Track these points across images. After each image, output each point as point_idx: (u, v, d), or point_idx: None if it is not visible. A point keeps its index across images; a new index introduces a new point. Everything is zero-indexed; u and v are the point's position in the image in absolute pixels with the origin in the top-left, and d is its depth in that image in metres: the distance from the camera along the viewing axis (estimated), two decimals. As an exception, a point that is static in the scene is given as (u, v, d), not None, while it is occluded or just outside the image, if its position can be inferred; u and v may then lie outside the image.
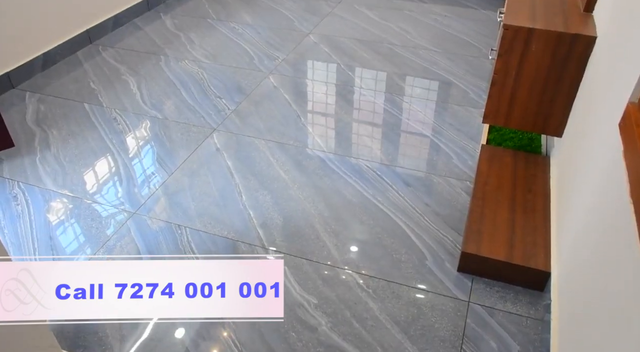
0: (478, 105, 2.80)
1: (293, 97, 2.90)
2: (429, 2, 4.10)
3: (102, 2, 3.52)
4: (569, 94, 1.94)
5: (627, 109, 1.22)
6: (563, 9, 2.00)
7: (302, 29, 3.68)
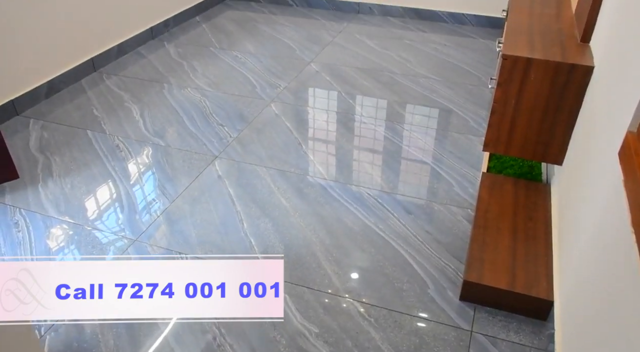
0: (478, 133, 2.82)
1: (294, 125, 2.92)
2: (428, 32, 4.17)
3: (107, 31, 3.58)
4: (568, 123, 1.96)
5: (626, 138, 1.24)
6: (560, 40, 2.04)
7: (304, 57, 3.73)
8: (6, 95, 2.95)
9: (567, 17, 2.26)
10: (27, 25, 2.96)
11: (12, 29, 2.88)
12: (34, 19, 2.99)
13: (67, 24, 3.23)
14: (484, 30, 4.19)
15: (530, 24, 2.20)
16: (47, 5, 3.06)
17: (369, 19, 4.44)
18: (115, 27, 3.64)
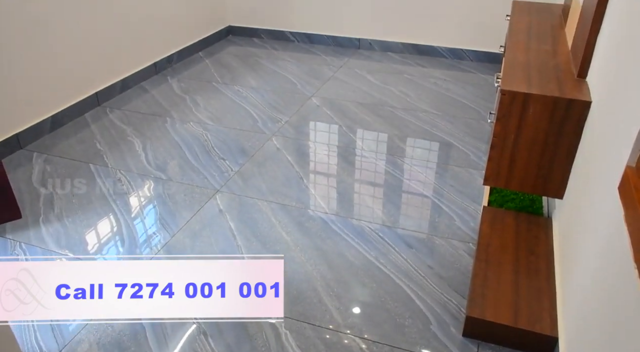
0: (478, 166, 2.83)
1: (295, 159, 2.94)
2: (428, 67, 4.23)
3: (112, 66, 3.64)
4: (568, 157, 1.97)
5: (625, 173, 1.24)
6: (557, 75, 2.07)
7: (305, 92, 3.78)
8: (10, 129, 2.98)
9: (563, 53, 2.30)
10: (32, 59, 3.01)
11: (17, 63, 2.94)
12: (38, 54, 3.05)
13: (72, 59, 3.29)
14: (482, 65, 4.25)
15: (527, 59, 2.24)
16: (52, 40, 3.13)
17: (370, 54, 4.51)
18: (119, 63, 3.71)
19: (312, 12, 4.64)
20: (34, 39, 3.00)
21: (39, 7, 3.00)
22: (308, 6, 4.63)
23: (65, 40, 3.22)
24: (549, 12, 2.97)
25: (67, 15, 3.20)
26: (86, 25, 3.35)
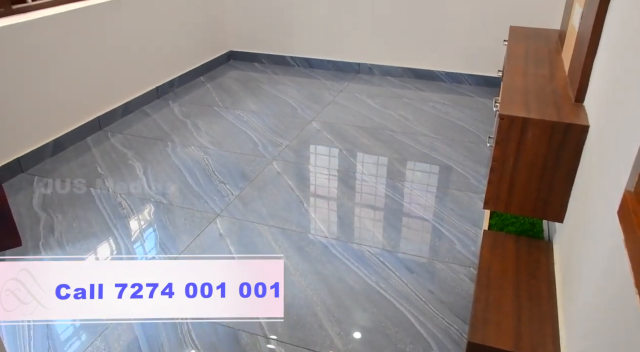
0: (478, 190, 2.83)
1: (296, 183, 2.95)
2: (427, 91, 4.27)
3: (114, 91, 3.68)
4: (567, 180, 1.97)
5: (624, 198, 1.24)
6: (555, 100, 2.09)
7: (305, 116, 3.81)
8: (12, 154, 3.00)
9: (560, 78, 2.33)
10: (34, 84, 3.05)
11: (20, 88, 2.97)
12: (41, 79, 3.09)
13: (75, 84, 3.33)
14: (480, 89, 4.29)
15: (525, 84, 2.26)
16: (55, 65, 3.17)
17: (369, 78, 4.56)
18: (121, 87, 3.75)
19: (312, 37, 4.71)
20: (36, 64, 3.04)
21: (42, 33, 3.05)
22: (308, 31, 4.70)
23: (68, 65, 3.26)
24: (545, 37, 3.01)
25: (69, 41, 3.25)
26: (89, 51, 3.40)
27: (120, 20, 3.63)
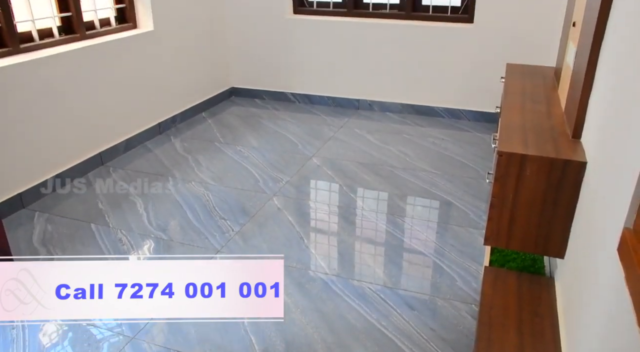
0: (479, 226, 2.83)
1: (296, 219, 2.95)
2: (426, 126, 4.31)
3: (116, 127, 3.72)
4: (567, 217, 1.98)
5: (623, 235, 1.25)
6: (553, 136, 2.11)
7: (306, 152, 3.83)
8: (14, 189, 3.01)
9: (557, 114, 2.36)
10: (37, 120, 3.09)
11: (23, 123, 3.01)
12: (44, 114, 3.13)
13: (77, 120, 3.37)
14: (479, 124, 4.34)
15: (522, 120, 2.29)
16: (59, 102, 3.22)
17: (369, 114, 4.62)
18: (124, 123, 3.79)
19: (312, 74, 4.79)
20: (40, 100, 3.09)
21: (47, 71, 3.11)
22: (308, 68, 4.78)
23: (72, 102, 3.31)
24: (541, 74, 3.06)
25: (74, 78, 3.31)
26: (92, 87, 3.46)
27: (124, 58, 3.71)
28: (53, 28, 3.31)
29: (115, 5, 3.79)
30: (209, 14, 4.61)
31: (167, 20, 4.05)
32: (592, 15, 1.89)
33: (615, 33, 1.71)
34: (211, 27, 4.68)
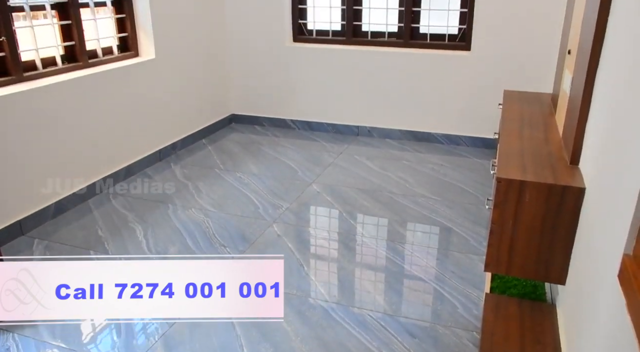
0: (479, 252, 2.82)
1: (296, 246, 2.94)
2: (425, 152, 4.34)
3: (116, 154, 3.74)
4: (567, 243, 1.97)
5: (623, 262, 1.25)
6: (551, 162, 2.12)
7: (305, 178, 3.85)
8: (13, 216, 3.01)
9: (555, 140, 2.38)
10: (37, 147, 3.10)
11: (24, 150, 3.02)
12: (44, 141, 3.15)
13: (78, 147, 3.39)
14: (478, 150, 4.36)
15: (521, 147, 2.31)
16: (60, 129, 3.24)
17: (368, 141, 4.64)
18: (124, 150, 3.81)
19: (312, 100, 4.84)
20: (42, 127, 3.12)
21: (50, 98, 3.15)
22: (308, 95, 4.83)
23: (72, 129, 3.33)
24: (539, 100, 3.09)
25: (75, 105, 3.34)
26: (94, 114, 3.49)
27: (126, 85, 3.75)
28: (56, 56, 3.36)
29: (118, 34, 3.85)
30: (209, 42, 4.68)
31: (169, 48, 4.11)
32: (587, 43, 1.92)
33: (610, 60, 1.74)
34: (212, 54, 4.75)
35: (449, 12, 4.30)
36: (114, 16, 3.80)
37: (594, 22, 1.83)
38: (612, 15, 1.76)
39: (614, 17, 1.74)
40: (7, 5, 2.97)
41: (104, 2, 3.72)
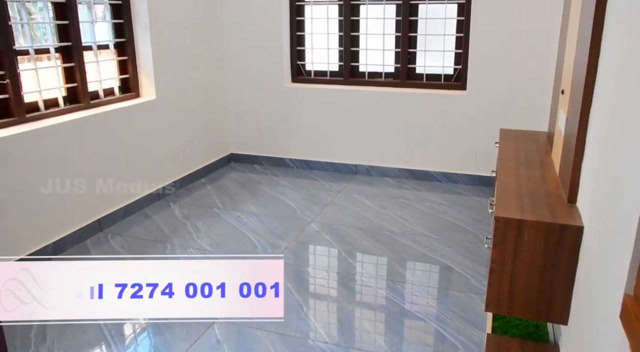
0: (480, 291, 2.80)
1: (295, 286, 2.91)
2: (424, 191, 4.35)
3: (116, 193, 3.74)
4: (567, 282, 1.96)
5: (625, 302, 1.24)
6: (548, 200, 2.13)
7: (304, 217, 3.84)
8: (11, 256, 2.99)
9: (552, 179, 2.39)
10: (37, 186, 3.11)
11: (23, 189, 3.03)
12: (45, 181, 3.16)
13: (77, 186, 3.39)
14: (476, 188, 4.37)
15: (518, 185, 2.32)
16: (60, 168, 3.25)
17: (367, 179, 4.66)
18: (124, 190, 3.81)
19: (311, 139, 4.88)
20: (42, 166, 3.13)
21: (51, 139, 3.18)
22: (306, 134, 4.88)
23: (73, 168, 3.35)
24: (534, 139, 3.13)
25: (76, 145, 3.37)
26: (93, 154, 3.51)
27: (126, 126, 3.79)
28: (59, 98, 3.41)
29: (120, 76, 3.92)
30: (209, 83, 4.76)
31: (169, 89, 4.18)
32: (579, 84, 1.96)
33: (603, 100, 1.77)
34: (211, 94, 4.82)
35: (444, 53, 4.40)
36: (116, 58, 3.88)
37: (585, 64, 1.87)
38: (602, 56, 1.81)
39: (604, 58, 1.79)
40: (13, 49, 3.04)
41: (107, 45, 3.80)
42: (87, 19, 3.61)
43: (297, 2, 4.72)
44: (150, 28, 3.92)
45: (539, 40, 3.93)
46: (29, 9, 3.34)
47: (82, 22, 3.50)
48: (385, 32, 4.51)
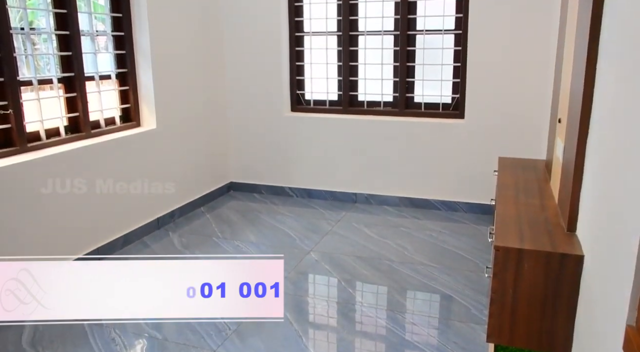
0: (481, 321, 2.76)
1: (294, 316, 2.88)
2: (423, 219, 4.34)
3: (114, 223, 3.73)
4: (569, 311, 1.94)
5: (627, 334, 1.23)
6: (548, 229, 2.13)
7: (304, 246, 3.82)
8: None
9: (551, 207, 2.39)
10: (35, 215, 3.11)
11: (22, 220, 3.02)
12: (44, 211, 3.15)
13: (76, 215, 3.39)
14: (475, 216, 4.37)
15: (517, 214, 2.32)
16: (58, 197, 3.25)
17: (366, 208, 4.66)
18: (122, 219, 3.81)
19: (310, 168, 4.90)
20: (41, 195, 3.13)
21: (51, 167, 3.19)
22: (306, 163, 4.90)
23: (71, 196, 3.34)
24: (533, 167, 3.14)
25: (75, 174, 3.37)
26: (93, 182, 3.51)
27: (126, 155, 3.81)
28: (60, 127, 3.44)
29: (121, 105, 3.95)
30: (209, 112, 4.80)
31: (170, 118, 4.21)
32: (576, 112, 1.98)
33: (600, 127, 1.78)
34: (211, 124, 4.85)
35: (442, 82, 4.45)
36: (117, 88, 3.92)
37: (580, 93, 1.90)
38: (597, 85, 1.83)
39: (599, 87, 1.81)
40: (17, 80, 3.08)
41: (109, 75, 3.85)
42: (90, 49, 3.66)
43: (297, 33, 4.80)
44: (151, 59, 3.97)
45: (536, 69, 3.98)
46: (34, 39, 3.39)
47: (85, 53, 3.55)
48: (384, 62, 4.57)
